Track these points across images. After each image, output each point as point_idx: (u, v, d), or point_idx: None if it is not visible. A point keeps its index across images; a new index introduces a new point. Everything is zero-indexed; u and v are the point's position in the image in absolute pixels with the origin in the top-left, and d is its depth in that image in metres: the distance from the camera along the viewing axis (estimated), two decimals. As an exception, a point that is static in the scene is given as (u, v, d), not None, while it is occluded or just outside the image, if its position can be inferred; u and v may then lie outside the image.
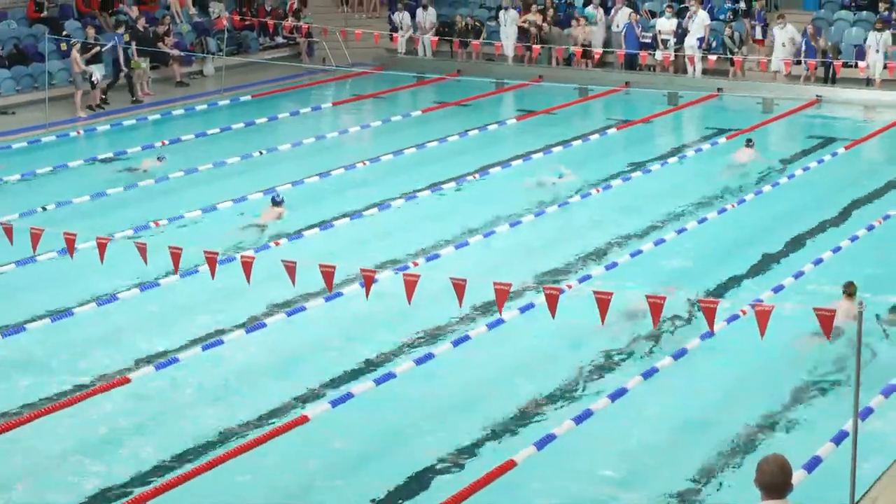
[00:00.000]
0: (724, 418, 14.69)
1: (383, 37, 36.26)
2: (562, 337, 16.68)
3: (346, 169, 25.14)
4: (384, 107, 32.61)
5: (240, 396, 15.34)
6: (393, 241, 21.00)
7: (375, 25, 38.16)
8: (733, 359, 16.05)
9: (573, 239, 21.18)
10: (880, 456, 13.22)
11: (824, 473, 12.62)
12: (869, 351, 15.91)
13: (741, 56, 33.33)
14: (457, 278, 13.75)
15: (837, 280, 18.33)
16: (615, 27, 35.32)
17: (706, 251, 20.50)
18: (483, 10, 38.37)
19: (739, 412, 14.79)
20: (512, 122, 30.27)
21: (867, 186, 24.27)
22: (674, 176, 25.18)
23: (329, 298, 17.23)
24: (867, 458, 12.34)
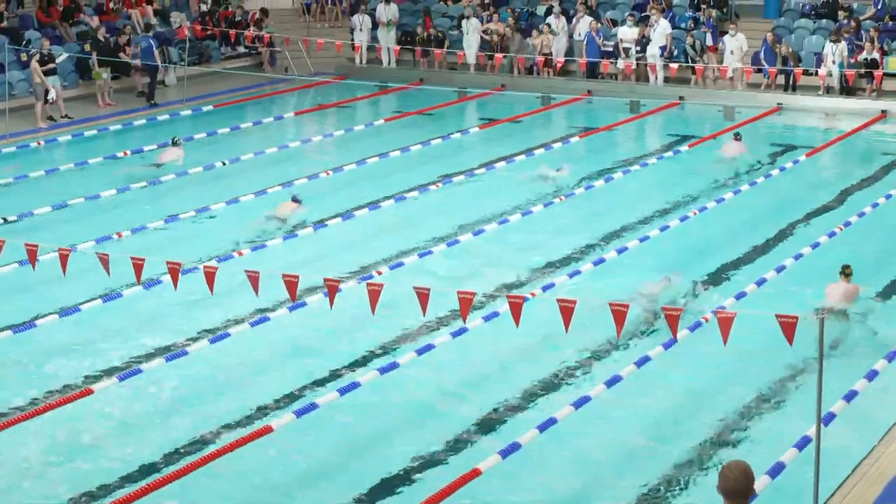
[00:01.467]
0: (686, 425, 14.75)
1: (345, 46, 36.27)
2: (526, 345, 16.71)
3: (308, 179, 25.11)
4: (346, 116, 32.62)
5: (204, 407, 15.28)
6: (356, 250, 20.98)
7: (337, 35, 38.18)
8: (696, 365, 16.13)
9: (536, 247, 21.21)
10: (844, 461, 13.30)
11: (788, 479, 12.69)
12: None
13: (702, 64, 33.51)
14: (420, 287, 13.75)
15: (799, 286, 18.51)
16: (577, 36, 35.45)
17: (668, 259, 20.56)
18: (445, 19, 38.42)
19: (702, 419, 14.85)
20: (475, 131, 30.32)
21: (828, 193, 24.44)
22: (637, 183, 25.27)
23: (293, 308, 17.21)
24: (831, 463, 12.41)
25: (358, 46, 36.92)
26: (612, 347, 16.75)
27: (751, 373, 16.03)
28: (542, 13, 37.63)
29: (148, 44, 33.25)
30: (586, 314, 15.36)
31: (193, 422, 14.83)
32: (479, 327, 16.88)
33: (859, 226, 21.60)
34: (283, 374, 16.18)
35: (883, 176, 25.84)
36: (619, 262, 19.96)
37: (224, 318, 17.69)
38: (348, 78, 35.44)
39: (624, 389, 15.15)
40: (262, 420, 14.62)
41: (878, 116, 31.04)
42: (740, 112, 31.51)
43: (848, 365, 15.99)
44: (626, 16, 35.55)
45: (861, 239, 21.07)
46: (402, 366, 15.76)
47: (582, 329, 16.13)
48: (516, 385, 15.78)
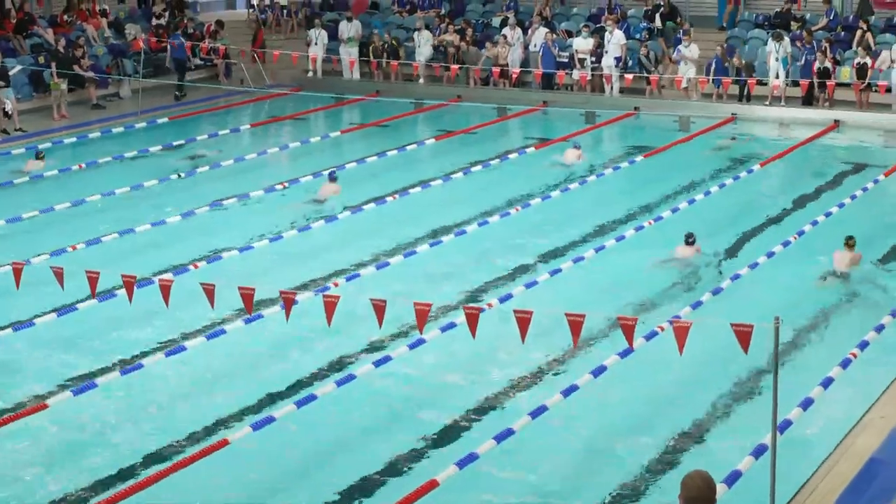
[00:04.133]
0: (644, 435, 14.77)
1: (301, 58, 36.20)
2: (485, 354, 16.71)
3: (265, 191, 25.03)
4: (303, 128, 32.56)
5: (159, 421, 15.20)
6: (313, 262, 20.93)
7: (293, 46, 38.07)
8: (651, 374, 16.17)
9: (494, 258, 21.22)
10: (800, 467, 13.35)
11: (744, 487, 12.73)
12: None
13: (657, 75, 33.65)
14: (377, 299, 13.72)
15: (754, 296, 18.62)
16: (532, 47, 35.52)
17: (625, 269, 20.62)
18: (401, 30, 38.42)
19: (660, 427, 14.88)
20: (431, 143, 30.31)
21: (782, 203, 24.58)
22: (592, 194, 25.32)
23: (249, 321, 17.13)
24: (787, 469, 12.44)
25: (314, 58, 36.87)
26: (568, 356, 16.76)
27: (709, 378, 16.09)
28: (497, 24, 37.68)
29: (180, 40, 34.88)
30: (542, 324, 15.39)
31: (148, 436, 14.73)
32: (437, 338, 16.85)
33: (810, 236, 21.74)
34: (240, 386, 16.09)
35: (835, 186, 26.00)
36: (574, 273, 19.98)
37: (180, 331, 17.59)
38: (304, 90, 35.38)
39: (581, 398, 15.16)
40: (219, 434, 14.54)
41: (831, 126, 31.23)
42: (695, 122, 31.63)
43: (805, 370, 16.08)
44: (581, 27, 35.66)
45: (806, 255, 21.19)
46: (359, 377, 15.72)
47: (539, 338, 16.14)
48: (473, 395, 15.76)
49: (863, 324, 17.58)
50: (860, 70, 31.93)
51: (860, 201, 24.03)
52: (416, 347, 16.53)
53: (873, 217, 23.15)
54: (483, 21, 38.67)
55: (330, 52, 37.23)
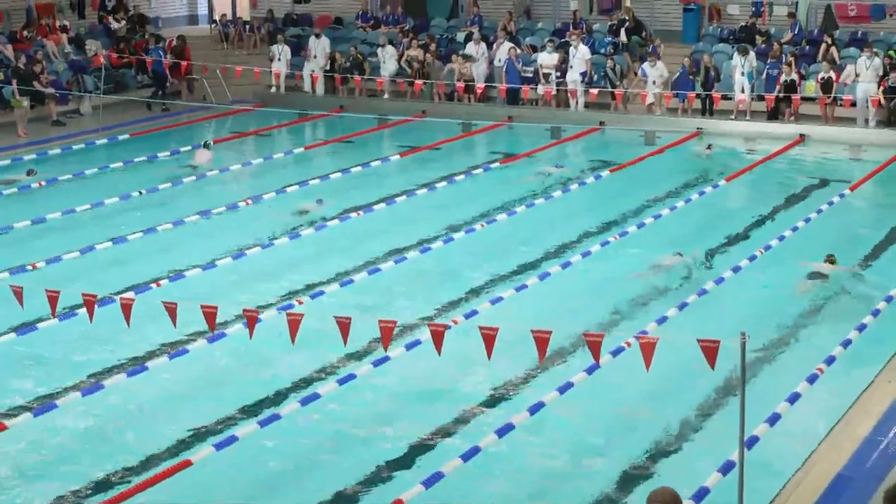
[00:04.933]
0: (611, 451, 14.77)
1: (264, 73, 36.15)
2: (450, 371, 16.67)
3: (227, 208, 24.95)
4: (266, 144, 32.49)
5: (122, 441, 15.09)
6: (277, 279, 20.86)
7: (256, 62, 38.04)
8: (618, 389, 16.17)
9: (459, 275, 21.21)
10: (768, 483, 13.37)
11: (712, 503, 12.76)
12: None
13: (622, 89, 33.76)
14: (341, 317, 13.67)
15: (722, 311, 18.67)
16: (497, 62, 35.58)
17: (592, 284, 20.65)
18: (365, 45, 38.41)
19: (627, 444, 14.89)
20: (395, 159, 30.29)
21: (748, 217, 24.66)
22: (559, 209, 25.34)
23: (212, 340, 17.06)
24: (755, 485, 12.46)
25: (277, 74, 36.82)
26: (535, 373, 16.75)
27: (677, 393, 16.11)
28: (461, 39, 37.73)
29: (158, 54, 35.19)
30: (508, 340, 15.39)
31: (109, 458, 14.63)
32: (402, 356, 16.81)
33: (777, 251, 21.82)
34: (203, 406, 16.00)
35: (801, 200, 26.11)
36: (540, 288, 19.99)
37: (142, 351, 17.49)
38: (267, 106, 35.32)
39: (548, 415, 15.14)
40: (181, 455, 14.45)
41: (797, 140, 31.39)
42: (660, 137, 31.73)
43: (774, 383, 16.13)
44: (545, 41, 35.75)
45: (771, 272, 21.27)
46: (323, 396, 15.66)
47: (505, 354, 16.12)
48: (439, 413, 15.71)
49: (830, 338, 17.63)
50: (825, 84, 32.09)
51: (826, 215, 24.14)
52: (381, 365, 16.48)
53: (839, 231, 23.22)
54: (447, 36, 38.73)
55: (294, 68, 37.18)
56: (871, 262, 21.83)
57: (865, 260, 21.86)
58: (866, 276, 21.03)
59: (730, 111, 32.91)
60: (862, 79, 31.87)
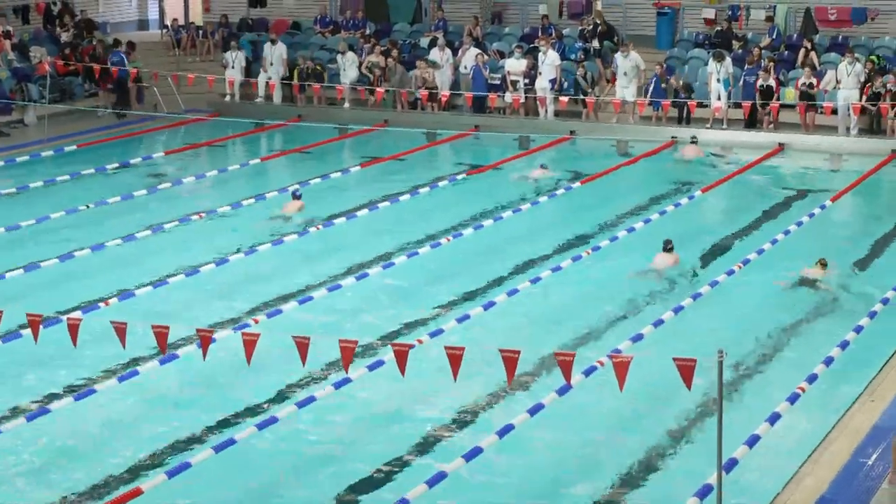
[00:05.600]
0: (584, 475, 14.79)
1: (218, 81, 36.09)
2: (415, 393, 16.67)
3: (180, 222, 24.88)
4: (220, 155, 32.43)
5: (69, 468, 15.02)
6: (232, 296, 20.82)
7: (210, 69, 37.99)
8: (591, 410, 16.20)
9: (424, 291, 21.21)
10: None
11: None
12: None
13: (594, 97, 33.85)
14: (299, 337, 13.65)
15: (697, 328, 18.74)
16: (463, 69, 35.64)
17: (563, 300, 20.69)
18: (324, 51, 38.42)
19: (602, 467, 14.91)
20: (356, 170, 30.28)
21: (725, 229, 24.75)
22: (527, 222, 25.38)
23: (164, 361, 17.00)
24: None
25: (231, 81, 36.78)
26: (504, 394, 16.76)
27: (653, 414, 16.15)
28: (425, 45, 37.78)
29: (119, 58, 35.33)
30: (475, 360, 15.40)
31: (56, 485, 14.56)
32: (364, 377, 16.78)
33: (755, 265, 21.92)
34: (153, 432, 15.93)
35: (781, 212, 26.23)
36: (510, 304, 20.01)
37: (89, 373, 17.41)
38: (221, 115, 35.27)
39: (517, 438, 15.15)
40: (134, 482, 14.39)
41: (776, 149, 31.55)
42: (633, 146, 31.84)
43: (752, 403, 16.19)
44: (513, 47, 35.83)
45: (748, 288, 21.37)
46: (281, 420, 15.62)
47: (472, 375, 16.14)
48: (403, 437, 15.70)
49: (812, 355, 17.70)
50: (805, 91, 32.24)
51: (806, 227, 24.26)
52: (342, 387, 16.46)
53: (820, 244, 23.32)
54: (410, 42, 38.77)
55: (248, 77, 37.14)
56: (853, 276, 21.95)
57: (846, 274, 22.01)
58: (852, 286, 21.16)
59: (706, 119, 33.05)
60: (843, 85, 32.05)
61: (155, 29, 46.40)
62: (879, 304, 19.56)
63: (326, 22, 41.29)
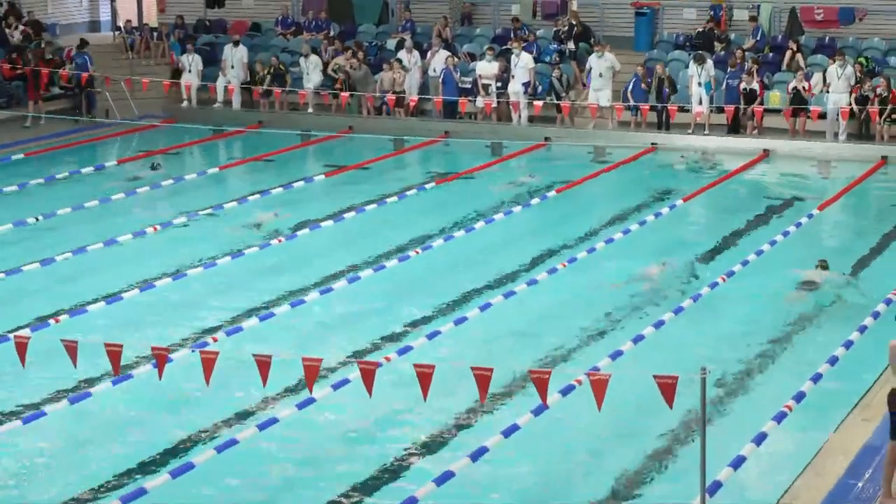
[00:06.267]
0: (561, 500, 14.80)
1: (174, 86, 36.02)
2: (381, 414, 16.65)
3: (134, 235, 24.80)
4: (176, 164, 32.35)
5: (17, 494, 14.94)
6: (189, 313, 20.77)
7: (165, 73, 37.92)
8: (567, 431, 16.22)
9: (391, 306, 21.19)
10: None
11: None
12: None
13: (569, 101, 33.91)
14: (261, 355, 13.63)
15: (676, 343, 18.77)
16: (432, 72, 35.66)
17: (539, 315, 20.69)
18: (286, 54, 38.39)
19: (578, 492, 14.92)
20: (320, 179, 30.26)
21: (708, 241, 24.80)
22: (500, 233, 25.40)
23: (117, 381, 16.92)
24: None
25: (188, 86, 36.72)
26: (476, 414, 16.75)
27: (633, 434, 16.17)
28: (392, 47, 37.80)
29: (84, 59, 35.50)
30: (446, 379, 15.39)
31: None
32: (329, 397, 16.75)
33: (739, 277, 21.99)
34: (107, 456, 15.87)
35: (766, 221, 26.32)
36: (482, 319, 20.01)
37: (38, 395, 17.33)
38: (178, 121, 35.19)
39: (491, 461, 15.14)
40: (84, 509, 14.37)
41: (760, 156, 31.67)
42: (611, 153, 31.90)
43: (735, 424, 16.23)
44: (485, 49, 35.87)
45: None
46: (241, 442, 15.58)
47: (444, 394, 16.13)
48: (370, 461, 15.67)
49: (800, 371, 17.74)
50: (796, 95, 32.30)
51: (793, 238, 24.35)
52: (306, 407, 16.42)
53: (808, 255, 23.39)
54: (376, 43, 38.77)
55: (205, 80, 37.09)
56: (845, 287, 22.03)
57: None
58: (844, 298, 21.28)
59: (687, 125, 33.15)
60: (833, 89, 32.18)
61: (107, 31, 46.24)
62: (870, 317, 19.61)
63: (288, 23, 41.26)
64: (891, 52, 34.91)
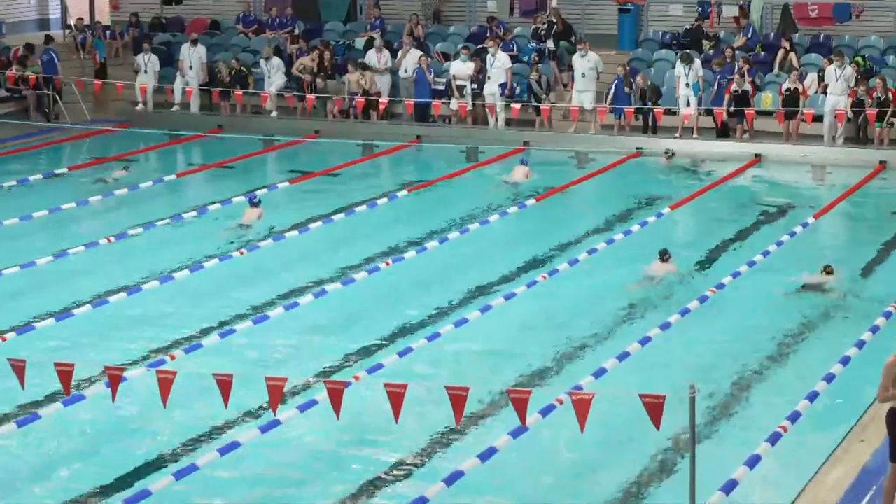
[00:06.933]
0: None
1: (128, 87, 35.95)
2: (350, 436, 16.62)
3: (86, 247, 24.72)
4: (131, 171, 32.24)
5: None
6: (145, 329, 20.70)
7: (119, 74, 37.83)
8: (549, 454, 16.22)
9: (359, 322, 21.17)
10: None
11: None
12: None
13: (549, 104, 33.94)
14: (220, 374, 13.59)
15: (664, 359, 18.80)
16: (403, 73, 35.67)
17: (516, 332, 20.68)
18: (247, 53, 38.33)
19: None
20: (284, 186, 30.21)
21: (696, 252, 24.82)
22: (476, 244, 25.40)
23: (68, 402, 16.86)
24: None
25: (144, 88, 36.63)
26: (451, 436, 16.73)
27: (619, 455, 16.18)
28: (361, 47, 37.79)
29: (50, 56, 35.59)
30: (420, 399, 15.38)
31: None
32: (295, 418, 16.71)
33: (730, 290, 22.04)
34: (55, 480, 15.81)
35: (758, 230, 26.38)
36: (455, 336, 20.00)
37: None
38: (132, 126, 35.14)
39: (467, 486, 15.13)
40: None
41: (752, 161, 31.73)
42: (594, 158, 31.94)
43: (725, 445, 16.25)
44: (459, 48, 35.89)
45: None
46: (202, 468, 15.53)
47: (417, 414, 16.13)
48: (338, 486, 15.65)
49: (795, 390, 17.77)
50: (789, 97, 32.36)
51: (787, 248, 24.39)
52: (270, 430, 16.38)
53: (803, 266, 23.44)
54: (344, 42, 38.75)
55: (164, 81, 37.03)
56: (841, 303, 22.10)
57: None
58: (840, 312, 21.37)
59: (674, 128, 33.22)
60: (831, 90, 32.21)
61: (57, 29, 46.10)
62: (868, 332, 19.65)
63: (250, 20, 41.19)
64: (889, 51, 35.00)
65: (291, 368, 18.38)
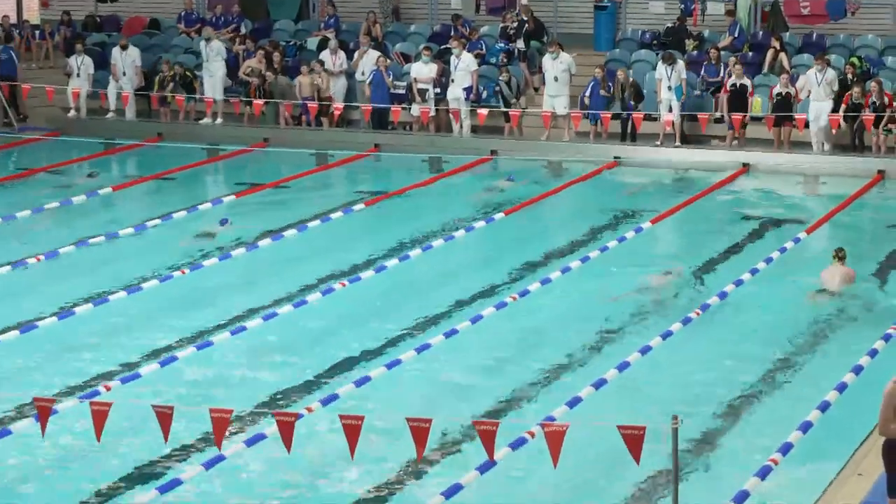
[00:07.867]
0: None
1: (60, 92, 35.87)
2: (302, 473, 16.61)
3: (13, 266, 24.66)
4: (63, 184, 32.17)
5: None
6: (79, 356, 20.64)
7: (49, 78, 37.75)
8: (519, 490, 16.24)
9: (313, 348, 21.16)
10: None
11: None
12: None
13: (519, 109, 33.99)
14: (160, 406, 13.57)
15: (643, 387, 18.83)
16: (360, 75, 35.68)
17: (482, 359, 20.69)
18: (189, 55, 38.30)
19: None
20: (230, 200, 30.17)
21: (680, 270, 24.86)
22: (439, 262, 25.43)
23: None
24: None
25: (76, 93, 36.56)
26: (413, 472, 16.73)
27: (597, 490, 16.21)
28: (313, 47, 37.79)
29: (8, 55, 35.92)
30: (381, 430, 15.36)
31: None
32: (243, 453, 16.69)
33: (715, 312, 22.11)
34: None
35: (746, 245, 26.47)
36: (420, 361, 20.00)
37: None
38: (63, 134, 35.06)
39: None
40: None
41: (740, 170, 31.83)
42: (568, 168, 31.99)
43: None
44: (420, 49, 35.92)
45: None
46: None
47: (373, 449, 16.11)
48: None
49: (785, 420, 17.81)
50: (781, 101, 32.45)
51: (777, 265, 24.47)
52: (215, 466, 16.36)
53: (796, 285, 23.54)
54: (295, 43, 38.77)
55: (98, 86, 36.96)
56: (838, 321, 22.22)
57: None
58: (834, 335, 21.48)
59: (655, 135, 33.30)
60: (814, 96, 32.36)
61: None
62: (866, 356, 19.72)
63: (192, 19, 41.15)
64: (888, 51, 35.15)
65: (237, 399, 18.33)
